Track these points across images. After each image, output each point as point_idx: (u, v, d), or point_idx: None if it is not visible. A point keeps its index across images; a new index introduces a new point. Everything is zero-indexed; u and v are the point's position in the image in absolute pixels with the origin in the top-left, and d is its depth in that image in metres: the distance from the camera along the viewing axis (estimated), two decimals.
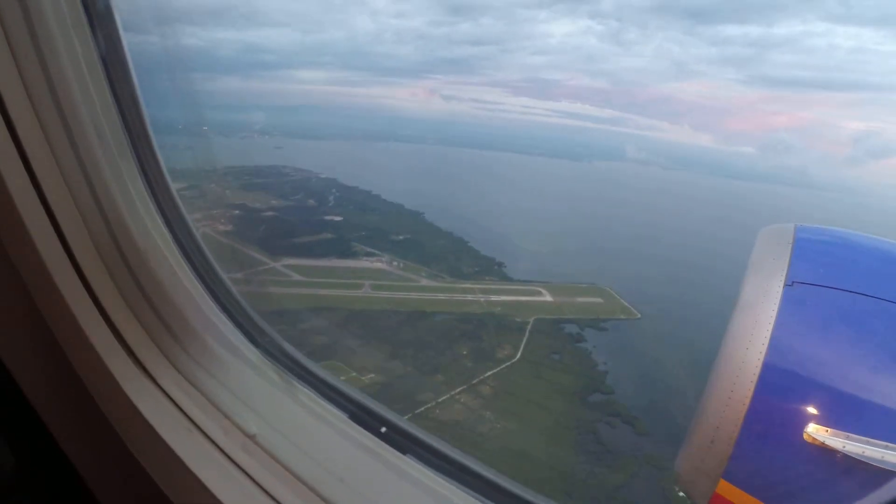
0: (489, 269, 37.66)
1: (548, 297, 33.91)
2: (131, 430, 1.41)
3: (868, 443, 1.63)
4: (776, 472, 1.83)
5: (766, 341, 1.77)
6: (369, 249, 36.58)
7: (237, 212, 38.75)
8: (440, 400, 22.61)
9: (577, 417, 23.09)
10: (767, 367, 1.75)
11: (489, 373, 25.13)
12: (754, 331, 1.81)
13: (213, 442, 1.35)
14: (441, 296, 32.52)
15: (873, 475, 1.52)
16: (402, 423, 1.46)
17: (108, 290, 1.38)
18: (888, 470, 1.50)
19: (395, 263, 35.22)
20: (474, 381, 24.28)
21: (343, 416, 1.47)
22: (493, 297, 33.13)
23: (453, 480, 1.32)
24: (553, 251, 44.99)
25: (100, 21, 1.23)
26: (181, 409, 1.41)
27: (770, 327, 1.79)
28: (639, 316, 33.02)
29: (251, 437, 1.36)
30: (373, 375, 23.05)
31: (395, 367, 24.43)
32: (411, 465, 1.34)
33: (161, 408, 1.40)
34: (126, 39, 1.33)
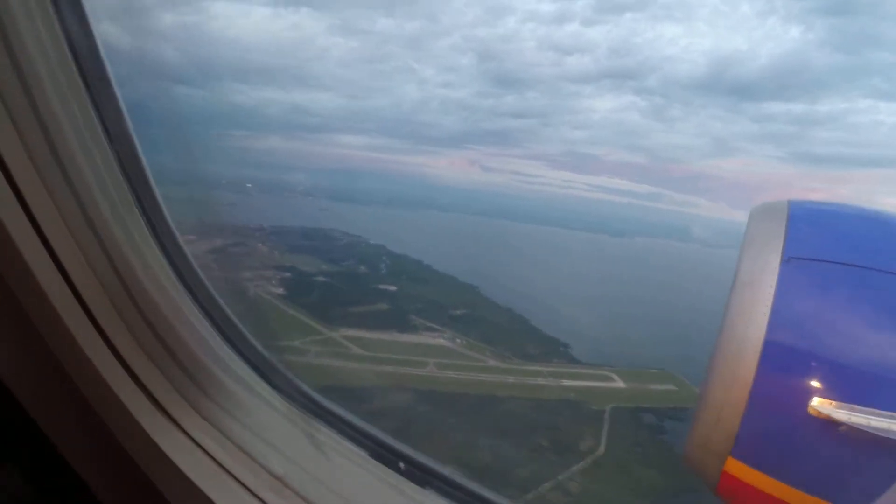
0: (555, 350, 36.42)
1: (619, 384, 32.53)
2: (166, 480, 1.49)
3: (873, 413, 1.65)
4: (783, 447, 1.86)
5: (766, 318, 1.80)
6: (428, 324, 35.81)
7: (288, 274, 38.40)
8: (528, 497, 21.06)
9: None
10: (769, 344, 1.78)
11: (575, 467, 23.68)
12: (753, 308, 1.84)
13: (243, 485, 1.44)
14: (510, 378, 31.34)
15: (880, 445, 1.52)
16: (420, 457, 1.53)
17: (130, 347, 1.48)
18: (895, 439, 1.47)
19: (457, 340, 34.23)
20: (561, 477, 22.84)
21: (363, 454, 1.54)
22: (565, 382, 31.70)
23: None
24: (615, 333, 43.59)
25: (97, 86, 1.32)
26: (210, 455, 1.50)
27: (769, 304, 1.82)
28: None
29: (279, 479, 1.44)
30: (452, 468, 21.60)
31: (474, 457, 23.04)
32: (431, 498, 1.41)
33: (192, 455, 1.49)
34: (123, 99, 1.41)
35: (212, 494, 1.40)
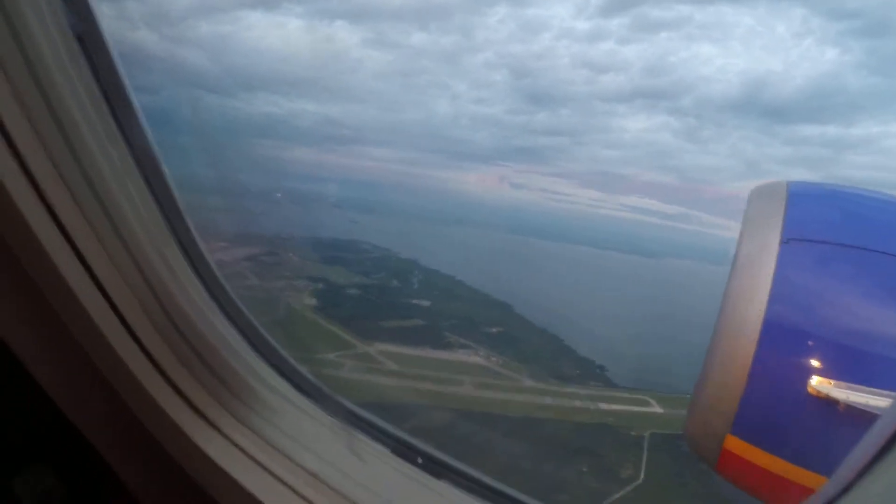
0: (591, 372, 35.82)
1: (657, 409, 31.81)
2: (208, 478, 1.63)
3: (871, 393, 1.69)
4: (783, 426, 1.89)
5: (766, 299, 1.83)
6: (463, 341, 35.50)
7: (320, 286, 38.47)
8: None
9: None
10: (768, 324, 1.81)
11: (616, 496, 23.41)
12: (753, 289, 1.87)
13: (281, 480, 1.57)
14: (548, 400, 30.86)
15: None
16: (436, 453, 1.69)
17: (166, 356, 1.60)
18: None
19: (493, 359, 33.93)
20: None
21: (386, 451, 1.69)
22: (602, 406, 31.20)
23: (484, 501, 1.51)
24: (651, 356, 42.81)
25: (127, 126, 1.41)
26: (248, 455, 1.64)
27: (769, 285, 1.84)
28: None
29: (314, 475, 1.58)
30: None
31: (515, 482, 22.61)
32: (446, 489, 1.55)
33: (230, 453, 1.63)
34: (145, 117, 1.48)
35: (253, 489, 1.54)
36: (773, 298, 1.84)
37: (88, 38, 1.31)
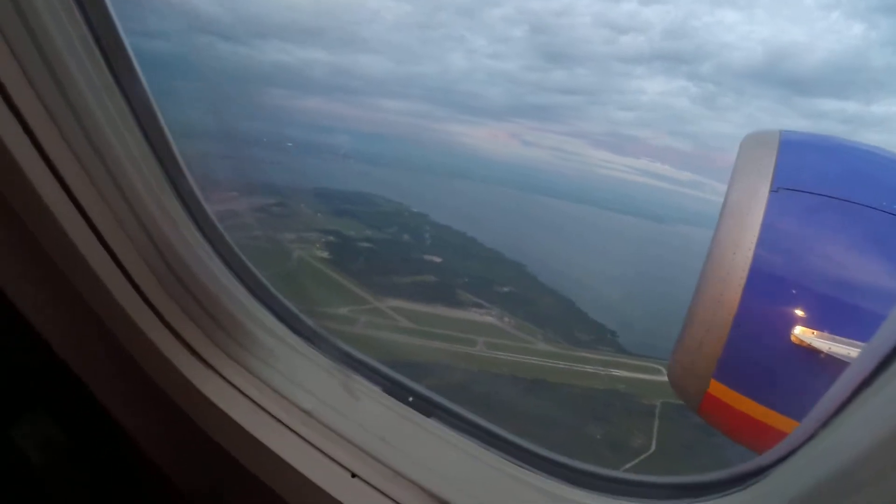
0: (603, 337, 35.85)
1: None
2: (206, 417, 1.68)
3: (853, 345, 1.71)
4: (765, 373, 1.92)
5: (753, 246, 1.85)
6: (476, 300, 35.29)
7: (332, 238, 38.05)
8: None
9: None
10: (755, 272, 1.84)
11: (628, 465, 23.23)
12: (741, 236, 1.88)
13: (276, 419, 1.62)
14: (561, 364, 30.89)
15: None
16: (425, 391, 1.70)
17: (163, 299, 1.63)
18: None
19: (505, 319, 33.83)
20: None
21: (378, 390, 1.70)
22: (614, 372, 31.16)
23: (470, 437, 1.56)
24: (663, 323, 42.82)
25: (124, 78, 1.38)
26: (243, 393, 1.68)
27: (756, 233, 1.86)
28: None
29: (308, 412, 1.63)
30: None
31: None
32: (435, 426, 1.59)
33: (226, 393, 1.68)
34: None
35: (248, 427, 1.58)
36: (761, 246, 1.86)
37: None
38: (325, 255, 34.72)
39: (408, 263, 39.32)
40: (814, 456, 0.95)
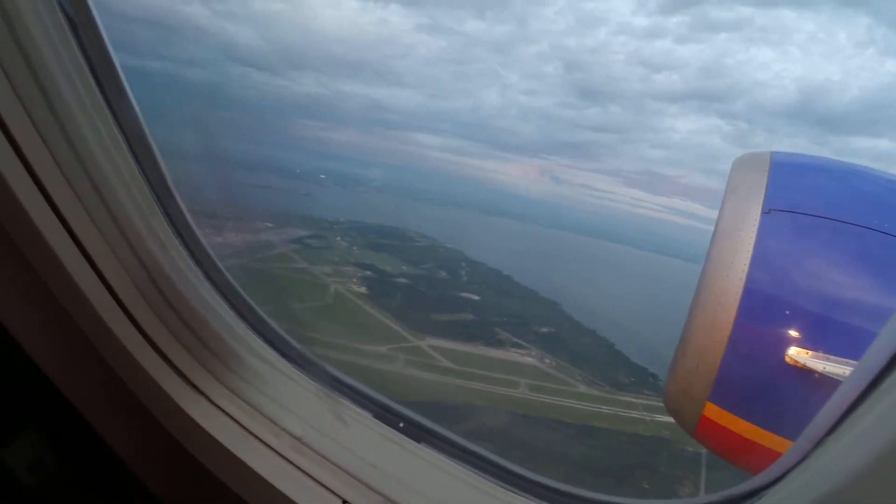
0: (644, 380, 34.96)
1: None
2: (195, 443, 1.69)
3: (847, 364, 1.71)
4: (760, 394, 1.92)
5: (746, 268, 1.86)
6: (515, 340, 34.88)
7: (369, 273, 38.19)
8: None
9: None
10: (748, 293, 1.85)
11: None
12: (734, 258, 1.89)
13: (266, 444, 1.63)
14: (604, 409, 30.13)
15: None
16: (416, 416, 1.71)
17: (153, 323, 1.64)
18: None
19: (546, 361, 33.26)
20: None
21: (368, 415, 1.73)
22: (658, 417, 30.37)
23: (461, 463, 1.57)
24: None
25: (117, 104, 1.41)
26: (233, 419, 1.69)
27: (749, 254, 1.87)
28: None
29: (298, 438, 1.63)
30: None
31: None
32: (426, 452, 1.61)
33: (214, 416, 1.69)
34: (142, 112, 1.49)
35: (236, 451, 1.60)
36: (754, 267, 1.86)
37: (78, 16, 1.32)
38: (363, 289, 34.81)
39: (445, 301, 39.06)
40: (807, 477, 0.96)
